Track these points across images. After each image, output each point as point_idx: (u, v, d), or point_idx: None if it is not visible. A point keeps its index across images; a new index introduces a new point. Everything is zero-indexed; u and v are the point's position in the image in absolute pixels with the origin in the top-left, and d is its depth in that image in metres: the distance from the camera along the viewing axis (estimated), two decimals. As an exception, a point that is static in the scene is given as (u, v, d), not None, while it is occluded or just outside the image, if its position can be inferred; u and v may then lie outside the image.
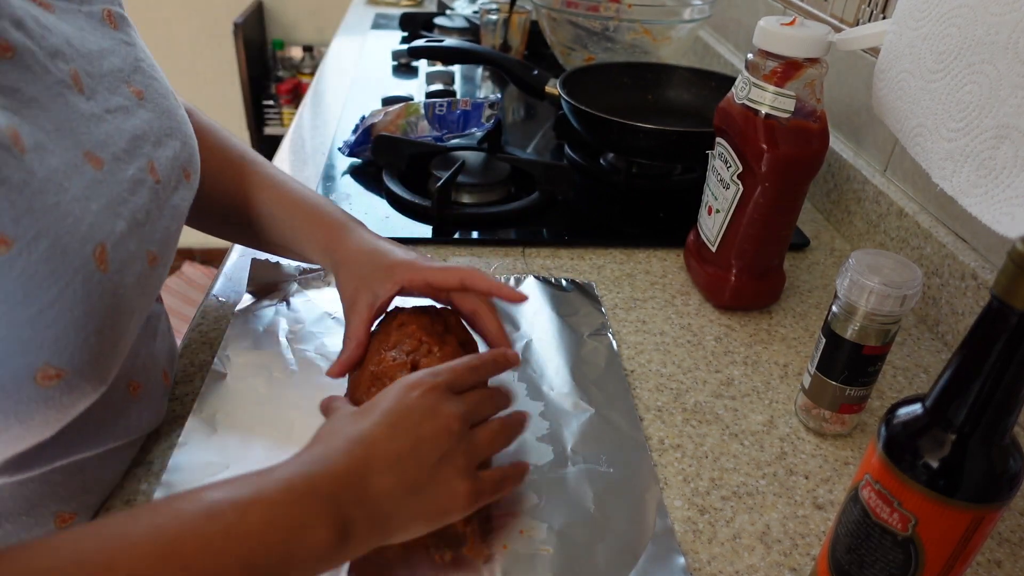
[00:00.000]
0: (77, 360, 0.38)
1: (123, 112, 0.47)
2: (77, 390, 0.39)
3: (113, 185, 0.43)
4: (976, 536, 0.38)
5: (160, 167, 0.48)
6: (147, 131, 0.48)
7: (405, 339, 0.54)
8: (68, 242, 0.38)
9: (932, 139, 0.56)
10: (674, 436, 0.58)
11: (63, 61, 0.43)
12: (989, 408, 0.35)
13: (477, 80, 1.35)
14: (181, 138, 0.52)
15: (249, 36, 2.60)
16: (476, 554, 0.47)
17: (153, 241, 0.46)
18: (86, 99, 0.44)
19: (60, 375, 0.38)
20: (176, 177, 0.51)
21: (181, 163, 0.52)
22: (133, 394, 0.50)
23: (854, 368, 0.55)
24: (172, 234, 0.50)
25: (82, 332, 0.38)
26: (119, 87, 0.48)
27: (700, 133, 0.82)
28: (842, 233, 0.90)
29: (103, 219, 0.41)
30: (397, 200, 0.87)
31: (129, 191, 0.44)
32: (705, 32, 1.42)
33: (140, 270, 0.44)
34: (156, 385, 0.54)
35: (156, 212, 0.47)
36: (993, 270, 0.66)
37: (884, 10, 0.84)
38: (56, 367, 0.37)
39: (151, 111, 0.50)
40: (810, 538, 0.51)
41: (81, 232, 0.39)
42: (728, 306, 0.74)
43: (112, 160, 0.44)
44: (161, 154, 0.49)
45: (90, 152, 0.42)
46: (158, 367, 0.55)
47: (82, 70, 0.44)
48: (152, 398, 0.53)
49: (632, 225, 0.88)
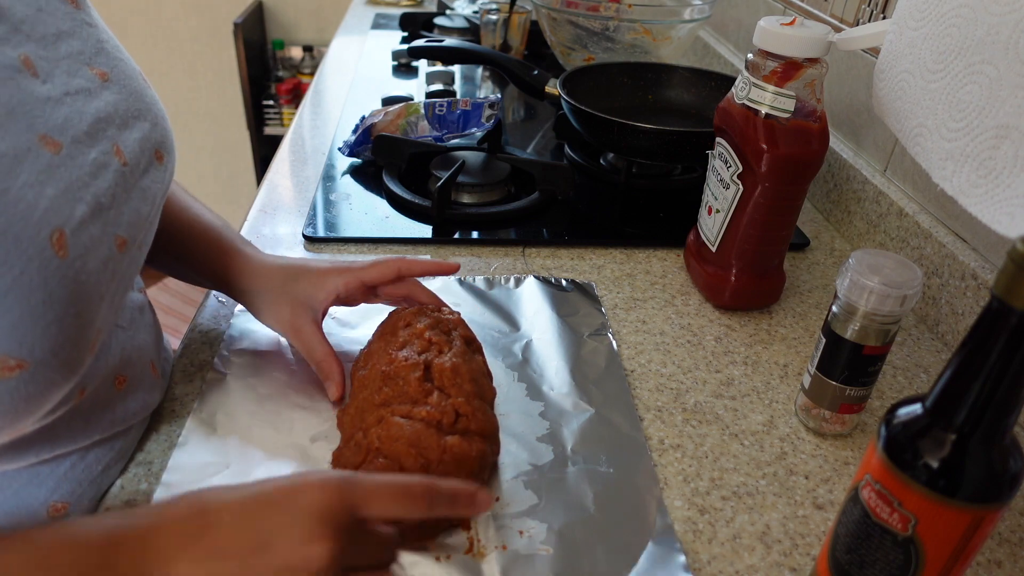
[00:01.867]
0: (39, 350, 0.37)
1: (85, 94, 0.45)
2: (44, 380, 0.38)
3: (72, 169, 0.42)
4: (976, 536, 0.38)
5: (127, 149, 0.47)
6: (112, 113, 0.47)
7: (414, 339, 0.54)
8: (20, 229, 0.37)
9: (932, 139, 0.56)
10: (674, 436, 0.58)
11: (10, 47, 0.42)
12: (989, 408, 0.35)
13: (477, 80, 1.35)
14: (151, 119, 0.51)
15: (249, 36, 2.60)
16: (476, 554, 0.47)
17: (121, 224, 0.45)
18: (42, 82, 0.43)
19: (21, 366, 0.37)
20: (146, 159, 0.49)
21: (152, 144, 0.50)
22: (119, 388, 0.50)
23: (854, 368, 0.55)
24: (144, 217, 0.48)
25: (41, 321, 0.37)
26: (80, 69, 0.46)
27: (700, 133, 0.82)
28: (842, 233, 0.90)
29: (60, 204, 0.40)
30: (397, 200, 0.87)
31: (91, 175, 0.43)
32: (705, 32, 1.42)
33: (106, 254, 0.43)
34: (143, 377, 0.53)
35: (123, 195, 0.46)
36: (993, 270, 0.66)
37: (884, 10, 0.84)
38: (16, 358, 0.36)
39: (116, 93, 0.48)
40: (810, 538, 0.51)
41: (35, 218, 0.38)
42: (728, 306, 0.74)
43: (72, 143, 0.42)
44: (128, 136, 0.48)
45: (46, 136, 0.41)
46: (145, 359, 0.54)
47: (34, 54, 0.43)
48: (139, 390, 0.53)
49: (632, 225, 0.88)
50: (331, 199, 0.88)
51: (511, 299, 0.72)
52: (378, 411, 0.50)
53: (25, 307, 0.37)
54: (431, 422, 0.49)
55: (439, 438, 0.48)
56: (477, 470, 0.49)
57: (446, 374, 0.52)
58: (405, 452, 0.47)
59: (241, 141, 2.83)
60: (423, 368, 0.52)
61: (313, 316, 0.56)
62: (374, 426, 0.49)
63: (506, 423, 0.56)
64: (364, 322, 0.67)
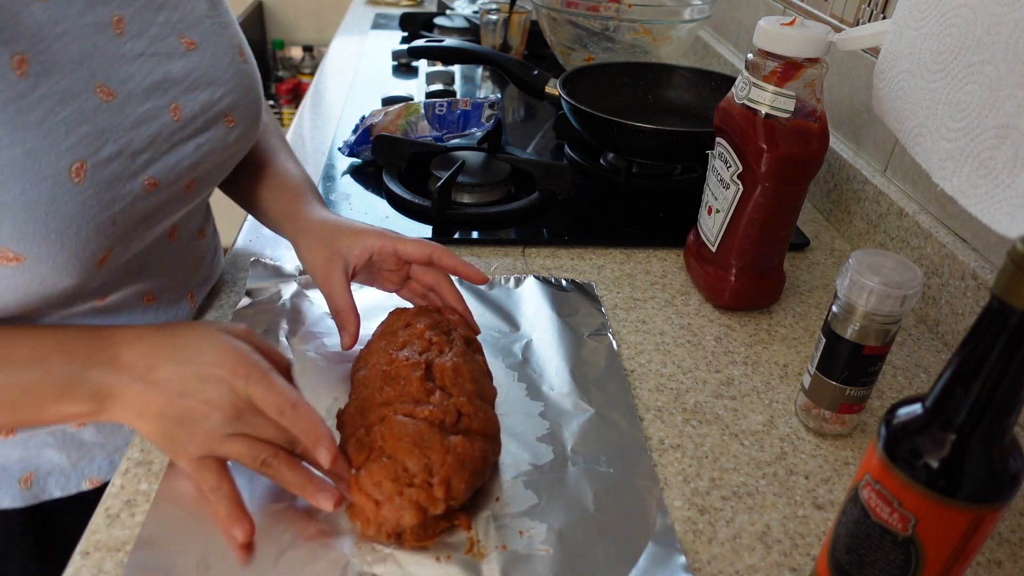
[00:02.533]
0: (35, 250, 0.45)
1: (161, 57, 0.53)
2: (37, 276, 0.46)
3: (117, 116, 0.49)
4: (976, 536, 0.38)
5: (186, 108, 0.54)
6: (183, 77, 0.54)
7: (414, 339, 0.55)
8: (43, 154, 0.44)
9: (932, 139, 0.56)
10: (674, 436, 0.58)
11: (107, 7, 0.50)
12: (989, 408, 0.35)
13: (477, 80, 1.35)
14: (226, 87, 0.57)
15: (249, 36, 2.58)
16: (476, 554, 0.47)
17: (153, 169, 0.51)
18: (124, 41, 0.50)
19: (18, 259, 0.44)
20: (207, 120, 0.56)
21: (220, 109, 0.57)
22: (148, 303, 0.58)
23: (854, 368, 0.55)
24: (186, 168, 0.54)
25: (42, 229, 0.44)
26: (169, 36, 0.54)
27: (700, 133, 0.82)
28: (842, 233, 0.90)
29: (91, 141, 0.47)
30: (397, 200, 0.87)
31: (134, 124, 0.50)
32: (705, 32, 1.42)
33: (128, 191, 0.49)
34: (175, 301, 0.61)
35: (164, 145, 0.52)
36: (993, 270, 0.66)
37: (884, 10, 0.84)
38: (15, 252, 0.44)
39: (197, 61, 0.55)
40: (810, 538, 0.51)
41: (61, 148, 0.45)
42: (728, 306, 0.74)
43: (126, 95, 0.50)
44: (192, 98, 0.54)
45: (103, 85, 0.48)
46: (184, 289, 0.63)
47: (129, 17, 0.51)
48: (168, 313, 0.61)
49: (632, 225, 0.88)
50: (331, 199, 0.88)
51: (511, 299, 0.72)
52: (380, 410, 0.50)
53: (29, 215, 0.44)
54: (434, 421, 0.49)
55: (442, 438, 0.48)
56: (480, 470, 0.49)
57: (447, 374, 0.52)
58: (408, 451, 0.47)
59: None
60: (424, 368, 0.52)
61: (344, 267, 0.58)
62: (377, 424, 0.49)
63: (506, 423, 0.56)
64: (364, 322, 0.67)
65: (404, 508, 0.46)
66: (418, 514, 0.46)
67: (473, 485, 0.48)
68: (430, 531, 0.47)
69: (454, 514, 0.49)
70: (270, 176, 0.67)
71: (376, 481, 0.46)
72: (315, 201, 0.65)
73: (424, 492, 0.46)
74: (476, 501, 0.50)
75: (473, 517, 0.49)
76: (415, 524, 0.46)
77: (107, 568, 0.46)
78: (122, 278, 0.55)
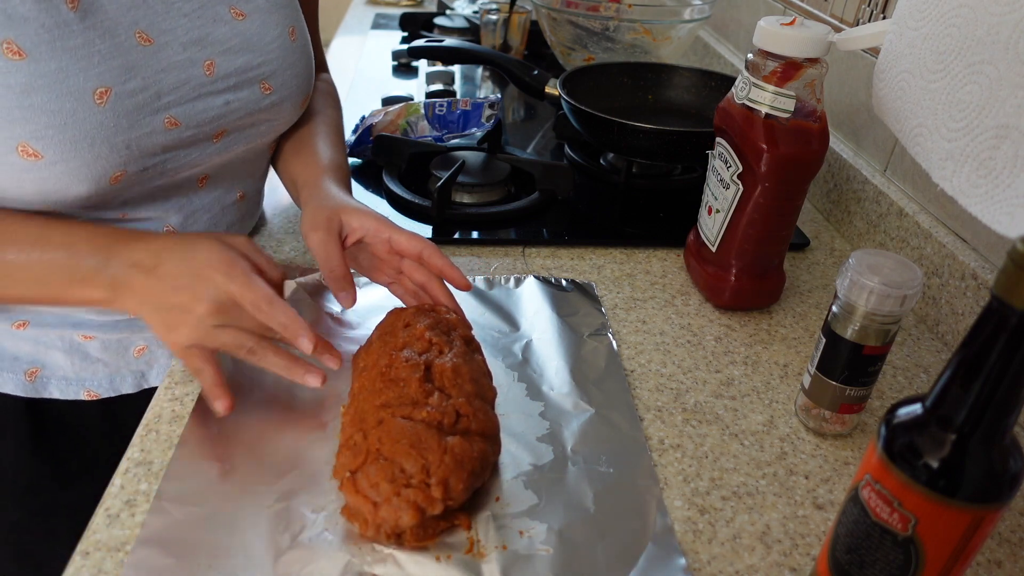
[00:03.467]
0: (51, 152, 0.51)
1: (208, 19, 0.58)
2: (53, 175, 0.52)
3: (150, 59, 0.55)
4: (976, 536, 0.38)
5: (221, 67, 0.59)
6: (223, 40, 0.59)
7: (414, 340, 0.54)
8: (73, 74, 0.51)
9: (932, 139, 0.56)
10: (674, 436, 0.58)
11: None
12: (989, 408, 0.35)
13: (477, 80, 1.35)
14: (265, 58, 0.62)
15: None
16: (476, 554, 0.47)
17: (176, 110, 0.57)
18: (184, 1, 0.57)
19: (36, 155, 0.51)
20: (241, 81, 0.61)
21: (257, 75, 0.62)
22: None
23: (854, 368, 0.55)
24: (209, 116, 0.60)
25: (60, 135, 0.51)
26: (219, 4, 0.59)
27: (700, 133, 0.82)
28: (842, 233, 0.90)
29: (118, 74, 0.53)
30: (397, 200, 0.87)
31: (164, 69, 0.56)
32: (705, 32, 1.42)
33: (147, 122, 0.55)
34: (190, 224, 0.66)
35: (191, 92, 0.58)
36: (993, 270, 0.66)
37: (884, 10, 0.84)
38: (34, 149, 0.50)
39: (241, 32, 0.60)
40: (810, 538, 0.51)
41: (90, 73, 0.51)
42: (728, 306, 0.74)
43: (163, 44, 0.55)
44: (230, 60, 0.60)
45: (143, 32, 0.54)
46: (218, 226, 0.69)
47: None
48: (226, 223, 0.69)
49: (632, 225, 0.88)
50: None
51: (511, 299, 0.72)
52: (378, 412, 0.50)
53: (50, 120, 0.50)
54: (432, 423, 0.49)
55: (440, 438, 0.48)
56: (479, 470, 0.49)
57: (447, 375, 0.52)
58: (405, 452, 0.47)
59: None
60: (423, 369, 0.52)
61: (338, 234, 0.60)
62: (374, 428, 0.49)
63: (506, 423, 0.56)
64: (364, 322, 0.67)
65: (402, 509, 0.46)
66: (416, 515, 0.46)
67: (471, 485, 0.48)
68: (430, 531, 0.47)
69: (454, 514, 0.49)
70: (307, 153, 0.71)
71: (373, 483, 0.46)
72: (336, 181, 0.67)
73: (422, 492, 0.46)
74: (476, 501, 0.50)
75: (473, 517, 0.49)
76: (414, 525, 0.46)
77: (107, 568, 0.46)
78: (146, 204, 0.61)
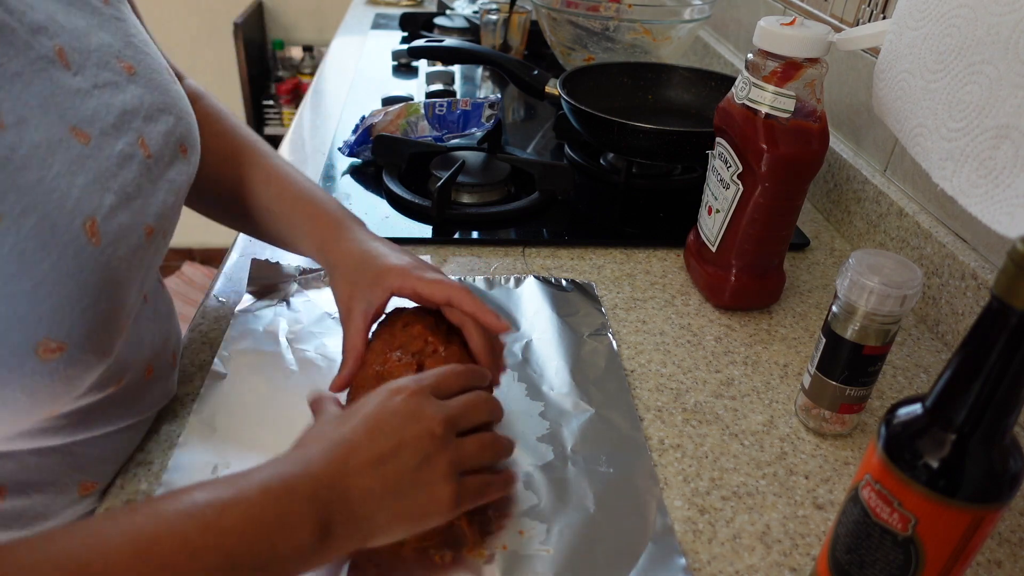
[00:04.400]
0: (76, 333, 0.39)
1: (112, 87, 0.46)
2: (80, 363, 0.40)
3: (100, 160, 0.43)
4: (976, 536, 0.38)
5: (151, 142, 0.48)
6: (137, 106, 0.48)
7: (411, 340, 0.54)
8: (56, 217, 0.39)
9: (932, 139, 0.56)
10: (674, 436, 0.58)
11: (47, 37, 0.43)
12: (989, 408, 0.35)
13: (477, 80, 1.35)
14: (176, 113, 0.52)
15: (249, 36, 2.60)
16: (476, 555, 0.47)
17: (148, 214, 0.46)
18: (73, 74, 0.44)
19: (61, 348, 0.38)
20: (171, 152, 0.50)
21: (176, 138, 0.51)
22: (147, 377, 0.52)
23: (854, 368, 0.55)
24: (170, 207, 0.50)
25: (78, 305, 0.39)
26: (109, 62, 0.47)
27: (700, 133, 0.82)
28: (842, 233, 0.90)
29: (91, 193, 0.41)
30: (397, 200, 0.87)
31: (117, 165, 0.44)
32: (705, 32, 1.42)
33: (136, 243, 0.44)
34: (167, 367, 0.55)
35: (149, 187, 0.47)
36: (993, 270, 0.66)
37: (884, 10, 0.84)
38: (56, 340, 0.38)
39: (142, 86, 0.49)
40: (810, 538, 0.51)
41: (68, 207, 0.39)
42: (728, 306, 0.74)
43: (99, 135, 0.44)
44: (153, 129, 0.49)
45: (76, 127, 0.42)
46: (168, 350, 0.56)
47: (68, 46, 0.44)
48: (164, 379, 0.55)
49: (632, 225, 0.88)
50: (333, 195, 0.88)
51: (511, 299, 0.72)
52: None
53: (64, 292, 0.38)
54: None
55: None
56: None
57: None
58: None
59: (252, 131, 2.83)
60: (416, 368, 0.52)
61: (366, 307, 0.56)
62: None
63: (506, 423, 0.56)
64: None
65: None
66: None
67: None
68: (430, 531, 0.47)
69: (454, 514, 0.48)
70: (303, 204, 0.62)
71: None
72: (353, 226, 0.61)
73: None
74: (476, 501, 0.50)
75: (473, 517, 0.49)
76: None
77: (107, 568, 0.46)
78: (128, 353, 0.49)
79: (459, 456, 0.44)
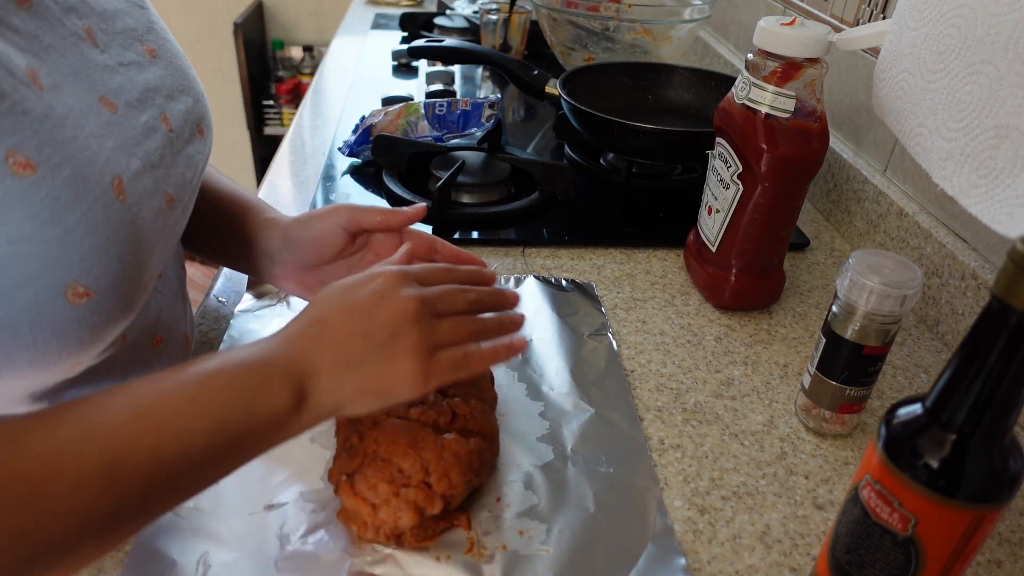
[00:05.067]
0: (103, 281, 0.41)
1: (136, 66, 0.50)
2: (106, 312, 0.42)
3: (127, 128, 0.46)
4: (976, 536, 0.38)
5: (173, 118, 0.51)
6: (159, 85, 0.51)
7: None
8: (88, 172, 0.41)
9: (932, 139, 0.56)
10: (674, 436, 0.58)
11: (77, 16, 0.46)
12: (989, 408, 0.35)
13: (477, 80, 1.35)
14: (193, 95, 0.55)
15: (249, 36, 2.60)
16: (476, 554, 0.47)
17: (169, 183, 0.49)
18: (100, 52, 0.47)
19: (89, 294, 0.41)
20: (189, 130, 0.53)
21: (194, 118, 0.54)
22: (156, 347, 0.54)
23: (854, 368, 0.55)
24: (188, 181, 0.52)
25: (105, 255, 0.41)
26: (132, 44, 0.51)
27: (700, 133, 0.82)
28: (842, 233, 0.90)
29: (118, 156, 0.44)
30: (397, 200, 0.87)
31: (142, 135, 0.47)
32: (705, 32, 1.42)
33: (158, 207, 0.47)
34: (177, 344, 0.57)
35: (171, 158, 0.50)
36: (993, 270, 0.66)
37: (884, 10, 0.84)
38: (85, 286, 0.40)
39: (163, 68, 0.53)
40: (810, 538, 0.51)
41: (99, 165, 0.42)
42: (728, 306, 0.74)
43: (125, 106, 0.47)
44: (174, 107, 0.52)
45: (104, 97, 0.45)
46: (179, 328, 0.58)
47: (96, 26, 0.47)
48: (172, 356, 0.56)
49: (632, 225, 0.88)
50: (331, 199, 0.88)
51: (511, 299, 0.72)
52: (374, 413, 0.50)
53: (93, 240, 0.41)
54: (427, 422, 0.49)
55: (436, 437, 0.48)
56: (476, 467, 0.49)
57: None
58: (403, 452, 0.47)
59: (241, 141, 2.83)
60: None
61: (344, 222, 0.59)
62: (370, 429, 0.49)
63: (506, 423, 0.56)
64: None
65: (401, 510, 0.46)
66: (416, 515, 0.46)
67: (470, 482, 0.48)
68: (430, 531, 0.47)
69: (454, 514, 0.49)
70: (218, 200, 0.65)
71: (371, 484, 0.46)
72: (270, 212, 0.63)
73: (421, 492, 0.46)
74: (476, 501, 0.50)
75: (473, 517, 0.49)
76: (413, 525, 0.46)
77: (107, 568, 0.46)
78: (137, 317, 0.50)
79: (432, 333, 0.45)
